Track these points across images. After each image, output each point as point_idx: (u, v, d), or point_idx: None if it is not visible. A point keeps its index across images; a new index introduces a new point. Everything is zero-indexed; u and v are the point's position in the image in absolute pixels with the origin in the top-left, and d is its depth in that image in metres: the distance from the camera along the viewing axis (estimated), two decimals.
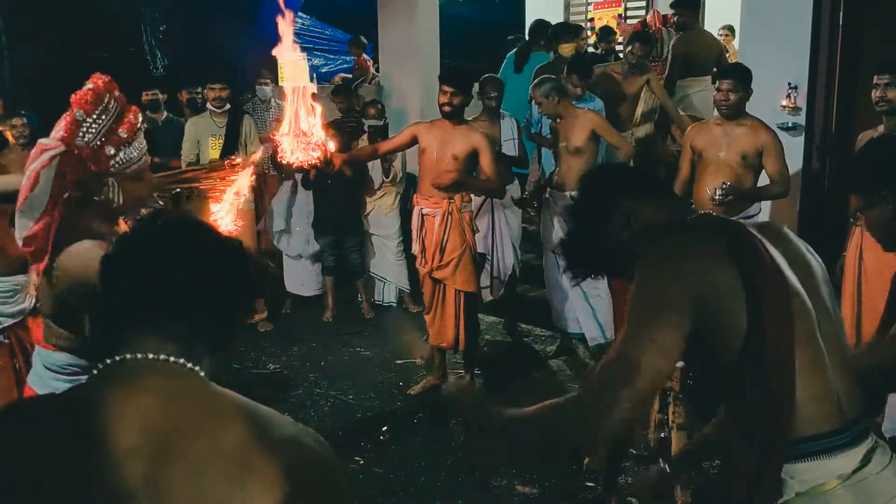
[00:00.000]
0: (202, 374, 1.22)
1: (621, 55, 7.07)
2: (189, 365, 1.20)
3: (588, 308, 5.33)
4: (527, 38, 8.05)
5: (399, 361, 5.52)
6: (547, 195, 5.41)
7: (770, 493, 1.57)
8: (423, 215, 4.79)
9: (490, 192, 4.92)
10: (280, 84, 8.86)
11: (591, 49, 8.79)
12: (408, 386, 5.07)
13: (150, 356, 1.18)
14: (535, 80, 5.48)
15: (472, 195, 4.91)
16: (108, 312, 1.23)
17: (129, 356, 1.18)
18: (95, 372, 1.18)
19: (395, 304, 6.63)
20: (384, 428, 4.55)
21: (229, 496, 1.08)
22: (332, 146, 3.88)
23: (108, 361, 1.18)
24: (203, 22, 8.81)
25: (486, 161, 4.65)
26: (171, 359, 1.19)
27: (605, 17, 9.98)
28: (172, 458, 1.09)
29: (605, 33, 8.30)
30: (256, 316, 6.11)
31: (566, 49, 7.02)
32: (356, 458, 4.19)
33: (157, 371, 1.17)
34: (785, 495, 1.58)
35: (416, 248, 4.86)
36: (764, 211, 5.01)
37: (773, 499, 1.57)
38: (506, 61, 7.71)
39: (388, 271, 6.56)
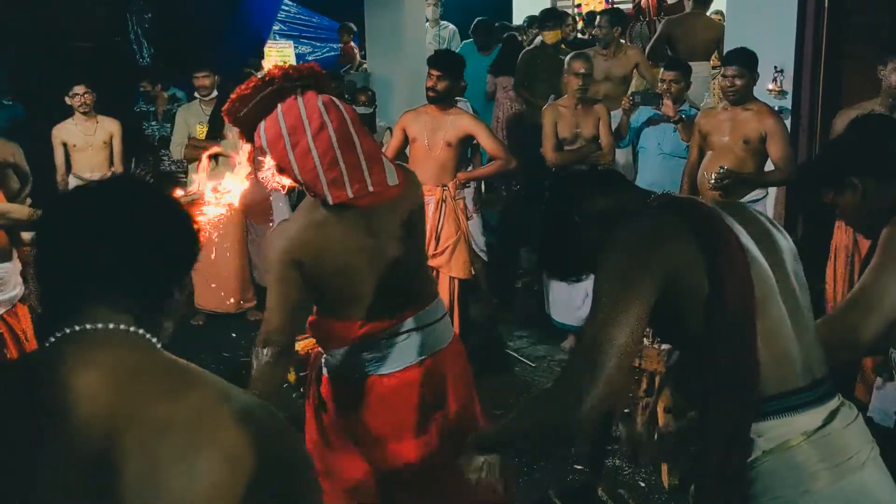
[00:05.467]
0: (157, 343, 1.19)
1: (621, 42, 7.04)
2: (142, 332, 1.17)
3: None
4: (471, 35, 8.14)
5: None
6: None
7: (741, 453, 1.62)
8: None
9: (503, 171, 4.82)
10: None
11: (579, 35, 8.79)
12: None
13: (100, 326, 1.15)
14: (574, 54, 5.34)
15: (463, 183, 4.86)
16: (56, 282, 1.19)
17: (78, 327, 1.14)
18: (47, 344, 1.15)
19: None
20: None
21: (181, 468, 1.07)
22: None
23: (59, 334, 1.14)
24: (189, 10, 8.75)
25: (485, 142, 4.64)
26: (122, 327, 1.16)
27: (591, 2, 9.97)
28: (126, 429, 1.07)
29: (593, 18, 8.31)
30: (245, 304, 6.11)
31: (550, 36, 7.01)
32: None
33: (110, 341, 1.14)
34: (753, 454, 1.63)
35: None
36: (771, 196, 4.99)
37: (744, 459, 1.62)
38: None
39: None
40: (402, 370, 2.51)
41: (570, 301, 5.35)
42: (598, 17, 6.23)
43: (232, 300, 6.01)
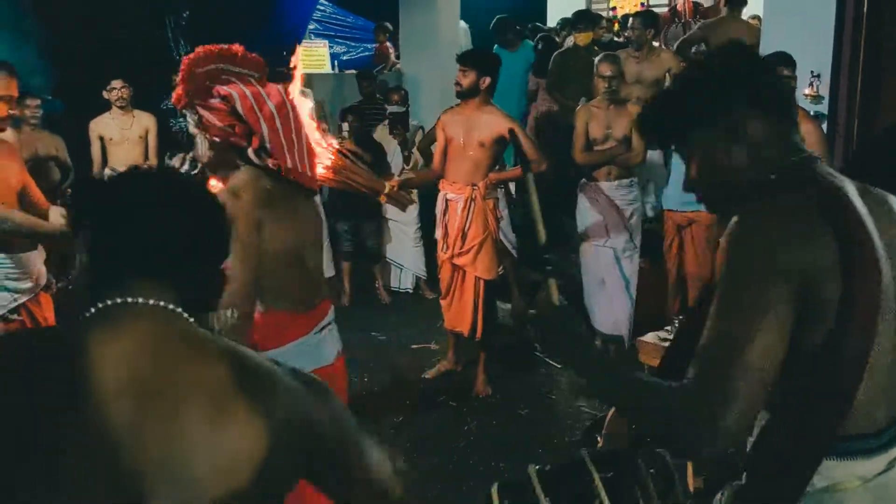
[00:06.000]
0: (191, 320, 1.22)
1: (655, 44, 7.01)
2: (179, 310, 1.21)
3: (628, 298, 5.22)
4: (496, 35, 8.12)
5: (414, 346, 5.54)
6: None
7: (800, 486, 1.49)
8: (447, 200, 4.77)
9: (534, 172, 4.77)
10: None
11: (615, 38, 8.76)
12: (423, 370, 5.08)
13: (140, 301, 1.18)
14: (602, 56, 5.32)
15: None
16: (100, 257, 1.23)
17: (119, 300, 1.18)
18: (87, 315, 1.19)
19: (411, 291, 6.64)
20: (398, 411, 4.57)
21: (209, 437, 1.09)
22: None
23: (100, 305, 1.18)
24: (225, 8, 8.85)
25: (518, 143, 4.60)
26: (158, 303, 1.19)
27: (626, 5, 9.93)
28: (155, 397, 1.10)
29: (628, 22, 8.27)
30: None
31: (582, 38, 7.00)
32: None
33: (146, 315, 1.18)
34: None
35: (438, 233, 4.85)
36: None
37: (800, 492, 1.49)
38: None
39: (405, 257, 6.56)
40: (336, 359, 2.61)
41: (590, 307, 5.34)
42: (630, 19, 6.20)
43: None
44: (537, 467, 1.84)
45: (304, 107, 3.64)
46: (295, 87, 3.23)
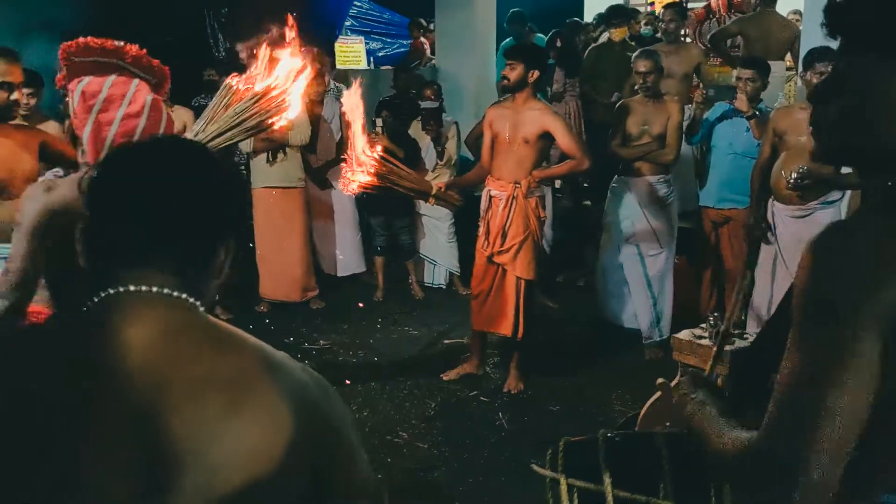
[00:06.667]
0: (199, 306, 1.20)
1: (687, 38, 6.94)
2: (184, 296, 1.18)
3: (648, 296, 5.22)
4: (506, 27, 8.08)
5: (447, 341, 5.55)
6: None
7: None
8: (490, 197, 4.74)
9: (576, 170, 4.76)
10: (337, 67, 9.02)
11: (655, 34, 8.67)
12: (455, 365, 5.01)
13: (143, 289, 1.15)
14: (639, 51, 5.30)
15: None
16: (102, 245, 1.20)
17: (121, 289, 1.15)
18: (91, 304, 1.17)
19: (444, 287, 6.64)
20: (430, 404, 4.58)
21: (229, 425, 1.08)
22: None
23: (104, 294, 1.16)
24: (262, 5, 8.93)
25: (562, 141, 4.56)
26: (166, 291, 1.16)
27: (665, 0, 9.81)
28: (168, 387, 1.09)
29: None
30: (309, 294, 6.20)
31: (617, 33, 6.95)
32: (401, 432, 4.23)
33: (153, 303, 1.15)
34: None
35: (481, 229, 4.79)
36: (846, 199, 4.84)
37: None
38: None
39: (438, 253, 6.57)
40: None
41: (620, 299, 5.36)
42: (662, 11, 6.14)
43: (296, 289, 6.12)
44: (608, 434, 1.78)
45: (357, 111, 3.70)
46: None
